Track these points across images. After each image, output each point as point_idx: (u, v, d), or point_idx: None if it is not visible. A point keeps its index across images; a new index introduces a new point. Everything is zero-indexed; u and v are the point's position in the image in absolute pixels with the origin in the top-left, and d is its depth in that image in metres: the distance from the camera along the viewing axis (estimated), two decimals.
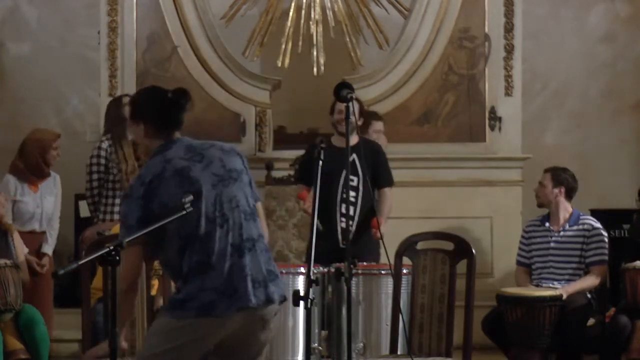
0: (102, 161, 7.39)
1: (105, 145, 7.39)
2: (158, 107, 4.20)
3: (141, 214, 4.04)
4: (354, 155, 6.58)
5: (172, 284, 4.44)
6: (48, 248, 7.11)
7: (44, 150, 7.01)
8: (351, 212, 6.66)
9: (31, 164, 7.02)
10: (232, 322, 4.04)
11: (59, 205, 7.22)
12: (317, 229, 4.36)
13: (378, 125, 7.63)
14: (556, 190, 7.03)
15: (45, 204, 7.08)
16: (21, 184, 7.01)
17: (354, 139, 6.55)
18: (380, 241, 4.97)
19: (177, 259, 4.06)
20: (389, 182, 6.78)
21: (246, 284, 4.05)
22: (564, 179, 7.06)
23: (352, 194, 6.68)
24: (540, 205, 7.08)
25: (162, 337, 4.07)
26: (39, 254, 7.04)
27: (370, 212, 6.63)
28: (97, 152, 7.41)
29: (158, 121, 4.18)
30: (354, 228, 6.63)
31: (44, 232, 7.10)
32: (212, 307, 4.00)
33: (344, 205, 6.64)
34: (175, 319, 4.04)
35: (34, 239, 7.03)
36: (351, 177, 6.65)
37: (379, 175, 6.60)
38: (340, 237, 6.66)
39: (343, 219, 6.65)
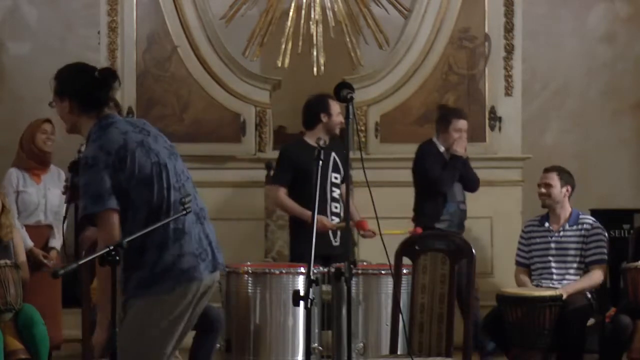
0: None
1: None
2: (84, 84, 4.22)
3: (111, 183, 4.05)
4: (333, 154, 6.60)
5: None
6: (56, 242, 7.14)
7: (33, 135, 7.14)
8: (339, 210, 6.70)
9: (26, 150, 7.15)
10: (205, 285, 4.16)
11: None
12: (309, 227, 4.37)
13: (459, 124, 7.50)
14: (564, 190, 7.02)
15: (49, 195, 7.12)
16: (23, 175, 7.09)
17: (327, 137, 6.60)
18: (381, 239, 4.96)
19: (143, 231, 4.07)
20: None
21: (212, 249, 4.22)
22: (568, 178, 7.05)
23: (337, 191, 6.70)
24: (547, 206, 7.02)
25: (154, 317, 4.09)
26: (47, 248, 7.06)
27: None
28: None
29: (85, 98, 4.20)
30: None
31: (49, 226, 7.12)
32: (194, 270, 4.11)
33: (333, 204, 6.66)
34: (156, 294, 4.07)
35: (41, 233, 7.04)
36: (335, 175, 6.68)
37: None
38: (331, 235, 6.67)
39: (334, 218, 6.67)
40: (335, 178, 6.69)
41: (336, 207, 6.71)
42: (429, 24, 8.51)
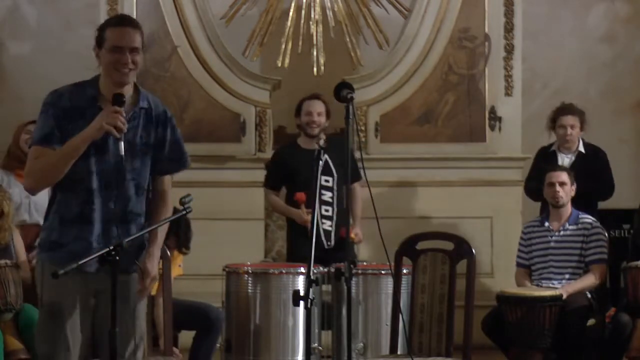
0: None
1: None
2: None
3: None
4: (326, 156, 6.60)
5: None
6: None
7: (17, 136, 7.14)
8: (329, 213, 6.69)
9: (11, 151, 7.17)
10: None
11: None
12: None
13: (565, 120, 7.56)
14: (573, 188, 7.03)
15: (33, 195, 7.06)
16: (7, 176, 7.05)
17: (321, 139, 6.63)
18: (381, 239, 4.97)
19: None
20: (357, 177, 6.69)
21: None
22: (573, 178, 7.05)
23: (328, 194, 6.70)
24: (560, 205, 6.97)
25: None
26: (33, 247, 7.01)
27: (344, 213, 6.67)
28: None
29: None
30: (333, 228, 6.66)
31: (36, 225, 7.05)
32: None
33: (324, 207, 6.67)
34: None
35: (25, 232, 6.97)
36: (326, 177, 6.68)
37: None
38: (323, 237, 6.67)
39: (325, 221, 6.67)
40: (326, 181, 6.69)
41: (327, 210, 6.70)
42: (429, 24, 8.50)
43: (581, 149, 7.63)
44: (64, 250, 4.14)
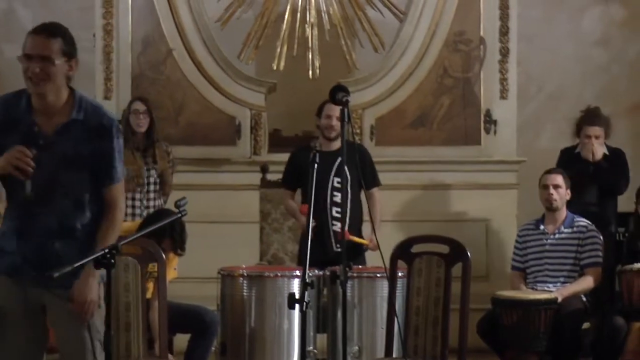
0: None
1: None
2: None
3: None
4: (340, 158, 6.60)
5: None
6: None
7: None
8: (341, 215, 6.70)
9: None
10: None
11: None
12: (311, 231, 4.38)
13: (589, 131, 7.60)
14: (567, 191, 7.04)
15: None
16: None
17: (337, 144, 6.64)
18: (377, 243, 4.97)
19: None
20: (376, 183, 6.88)
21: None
22: (569, 181, 7.07)
23: (339, 195, 6.71)
24: (554, 209, 6.99)
25: None
26: None
27: (359, 217, 6.70)
28: None
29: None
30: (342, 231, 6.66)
31: None
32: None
33: (334, 209, 6.67)
34: None
35: None
36: (338, 179, 6.69)
37: (365, 176, 6.39)
38: (333, 240, 6.68)
39: (335, 222, 6.68)
40: (338, 182, 6.69)
41: (337, 212, 6.70)
42: (424, 27, 8.51)
43: (605, 151, 7.67)
44: (4, 259, 4.08)
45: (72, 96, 4.11)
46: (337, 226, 6.67)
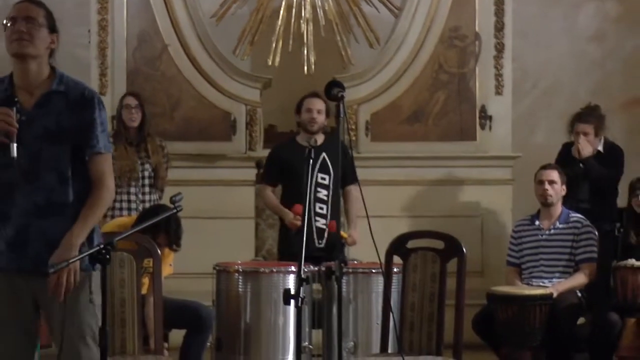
0: None
1: None
2: None
3: None
4: (324, 154, 6.59)
5: None
6: None
7: None
8: (324, 211, 6.69)
9: None
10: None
11: None
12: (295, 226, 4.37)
13: (578, 127, 7.64)
14: (563, 187, 7.04)
15: None
16: None
17: (320, 138, 6.63)
18: (371, 237, 4.96)
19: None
20: (355, 178, 6.70)
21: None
22: (564, 177, 7.07)
23: (323, 192, 6.69)
24: (549, 204, 7.00)
25: None
26: None
27: (339, 211, 6.68)
28: None
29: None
30: (326, 227, 6.65)
31: None
32: None
33: (318, 205, 6.66)
34: None
35: None
36: (322, 175, 6.67)
37: (346, 173, 6.30)
38: (316, 236, 6.67)
39: (318, 218, 6.67)
40: (322, 179, 6.68)
41: (321, 208, 6.69)
42: (420, 22, 8.51)
43: (600, 148, 7.67)
44: None
45: (54, 73, 4.17)
46: (320, 222, 6.66)
